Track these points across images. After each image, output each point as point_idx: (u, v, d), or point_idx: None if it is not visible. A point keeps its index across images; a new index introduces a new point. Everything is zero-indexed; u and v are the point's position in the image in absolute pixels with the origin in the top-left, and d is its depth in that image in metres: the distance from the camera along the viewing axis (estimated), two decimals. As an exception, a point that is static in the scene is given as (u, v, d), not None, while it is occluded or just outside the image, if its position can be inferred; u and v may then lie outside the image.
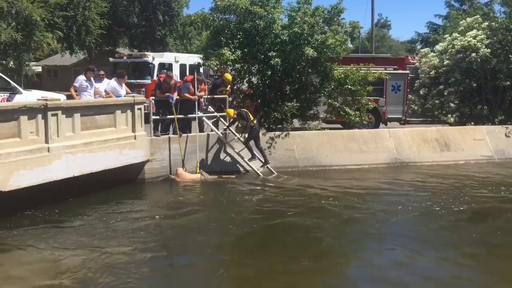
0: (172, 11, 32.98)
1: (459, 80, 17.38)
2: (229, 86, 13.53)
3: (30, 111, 8.99)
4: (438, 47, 19.01)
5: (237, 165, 12.82)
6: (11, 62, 20.60)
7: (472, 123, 16.60)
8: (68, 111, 9.73)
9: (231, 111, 12.72)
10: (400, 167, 13.96)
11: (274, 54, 13.59)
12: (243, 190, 11.38)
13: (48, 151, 9.22)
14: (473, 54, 17.00)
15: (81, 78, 11.47)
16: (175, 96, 12.21)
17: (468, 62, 17.19)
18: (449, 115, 16.99)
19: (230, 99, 14.11)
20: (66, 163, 9.53)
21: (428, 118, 18.19)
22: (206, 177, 12.04)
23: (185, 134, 12.41)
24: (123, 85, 12.04)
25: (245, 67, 14.55)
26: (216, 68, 14.09)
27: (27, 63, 22.28)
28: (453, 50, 17.81)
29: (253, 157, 12.50)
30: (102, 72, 12.35)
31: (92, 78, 11.57)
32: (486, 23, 17.85)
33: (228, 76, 13.46)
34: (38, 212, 8.90)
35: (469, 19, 19.04)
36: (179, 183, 11.66)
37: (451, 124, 16.74)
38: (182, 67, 19.61)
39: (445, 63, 17.91)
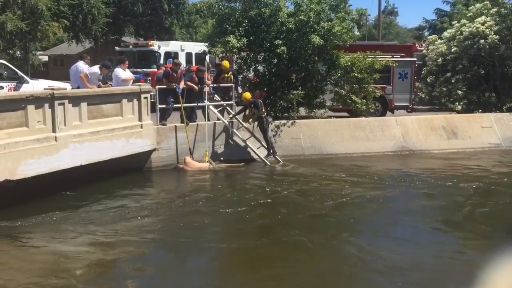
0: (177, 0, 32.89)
1: (467, 67, 17.23)
2: (230, 72, 13.44)
3: (37, 101, 9.03)
4: (446, 33, 18.83)
5: (244, 153, 12.83)
6: (18, 52, 20.66)
7: (480, 110, 16.48)
8: (75, 100, 9.76)
9: (248, 95, 12.64)
10: (407, 155, 13.93)
11: (280, 42, 13.51)
12: (251, 179, 11.41)
13: (55, 140, 9.27)
14: (482, 41, 16.83)
15: (96, 71, 11.43)
16: (182, 85, 12.19)
17: (476, 49, 17.03)
18: (457, 103, 16.88)
19: (240, 89, 14.09)
20: (73, 152, 9.58)
21: (435, 106, 18.08)
22: (214, 166, 12.07)
23: (192, 123, 12.42)
24: (127, 70, 12.05)
25: (251, 55, 14.50)
26: (221, 55, 14.05)
27: (33, 52, 22.34)
28: (461, 36, 17.64)
29: (270, 152, 12.52)
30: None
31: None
32: (495, 9, 17.64)
33: (225, 63, 13.38)
34: (45, 201, 8.96)
35: (478, 5, 18.80)
36: (187, 171, 11.70)
37: (459, 111, 16.63)
38: (188, 55, 19.59)
39: (452, 50, 17.75)
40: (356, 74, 14.50)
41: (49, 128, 9.23)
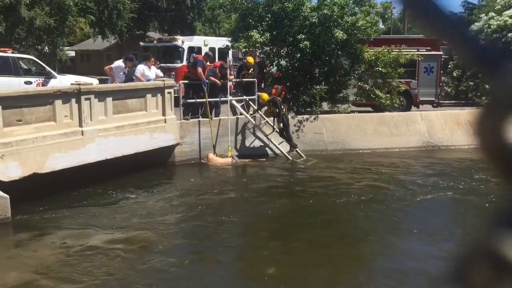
0: (200, -5, 33.01)
1: (495, 61, 16.85)
2: (251, 69, 13.46)
3: (64, 96, 9.24)
4: (473, 27, 18.42)
5: (267, 148, 12.86)
6: (46, 47, 21.10)
7: (508, 105, 16.11)
8: (101, 95, 9.94)
9: (266, 96, 12.61)
10: (432, 151, 13.73)
11: (303, 36, 13.45)
12: (273, 174, 11.45)
13: (82, 135, 9.47)
14: (510, 34, 16.43)
15: (121, 64, 11.67)
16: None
17: (504, 42, 16.63)
18: (484, 97, 16.52)
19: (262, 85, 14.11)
20: (99, 146, 9.77)
21: (461, 101, 17.76)
22: (237, 161, 12.12)
23: (215, 118, 12.51)
24: (152, 67, 12.19)
25: (274, 50, 14.48)
26: (244, 50, 14.07)
27: (61, 48, 22.78)
28: (489, 30, 17.25)
29: (293, 147, 12.49)
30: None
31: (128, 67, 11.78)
32: (525, 1, 17.20)
33: (250, 59, 13.40)
34: (72, 194, 9.17)
35: (506, -3, 18.36)
36: (210, 167, 11.79)
37: (486, 106, 16.29)
38: (211, 50, 19.64)
39: (480, 43, 17.38)
40: (380, 69, 14.34)
41: (76, 122, 9.43)
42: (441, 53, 17.52)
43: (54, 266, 6.33)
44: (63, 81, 13.27)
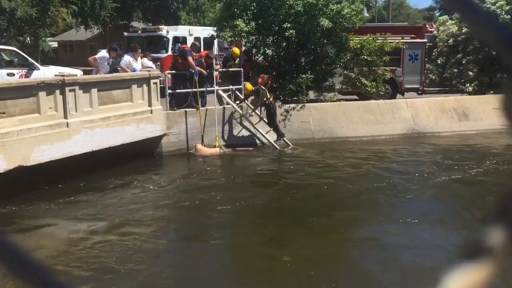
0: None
1: (478, 48, 16.99)
2: (237, 59, 13.45)
3: (48, 87, 9.11)
4: (457, 14, 18.53)
5: (254, 137, 12.87)
6: (28, 38, 20.73)
7: (492, 92, 16.29)
8: (85, 87, 9.83)
9: (250, 86, 12.62)
10: (417, 137, 13.88)
11: (289, 25, 13.42)
12: (261, 163, 11.49)
13: (67, 126, 9.38)
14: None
15: (105, 55, 11.58)
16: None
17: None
18: (468, 84, 16.70)
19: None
20: (85, 138, 9.69)
21: (446, 88, 17.91)
22: (224, 151, 12.13)
23: (202, 108, 12.46)
24: (138, 58, 12.09)
25: (259, 39, 14.44)
26: (230, 40, 14.01)
27: (43, 38, 22.38)
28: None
29: (280, 136, 12.50)
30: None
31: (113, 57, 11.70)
32: (507, -11, 17.31)
33: (236, 50, 13.40)
34: (58, 186, 9.11)
35: (489, -15, 18.47)
36: (198, 157, 11.77)
37: (470, 93, 16.47)
38: (197, 40, 19.50)
39: (463, 30, 17.49)
40: (365, 57, 14.40)
41: (61, 114, 9.32)
42: (425, 40, 17.63)
43: (41, 258, 6.29)
44: (46, 73, 13.08)
